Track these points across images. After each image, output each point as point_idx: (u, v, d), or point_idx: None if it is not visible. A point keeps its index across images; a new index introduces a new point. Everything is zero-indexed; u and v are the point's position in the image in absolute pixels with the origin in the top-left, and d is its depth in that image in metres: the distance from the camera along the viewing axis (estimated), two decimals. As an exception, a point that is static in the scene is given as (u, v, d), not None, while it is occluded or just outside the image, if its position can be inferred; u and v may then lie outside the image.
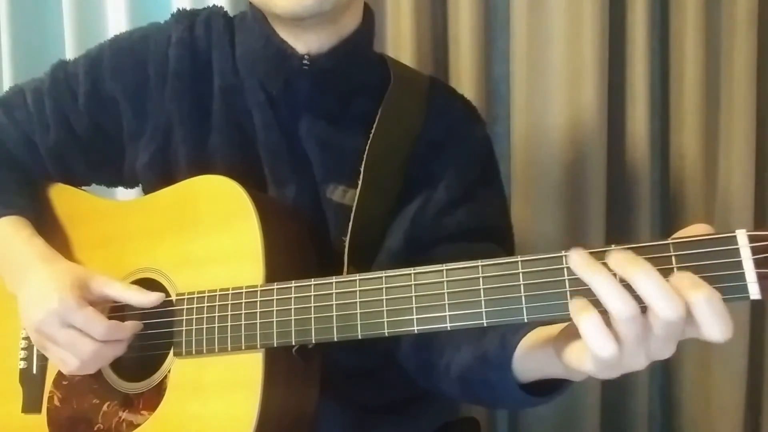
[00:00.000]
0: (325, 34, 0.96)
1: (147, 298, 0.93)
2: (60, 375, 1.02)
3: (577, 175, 1.50)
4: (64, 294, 0.90)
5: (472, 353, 0.86)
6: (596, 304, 0.62)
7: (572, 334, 0.67)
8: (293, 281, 0.84)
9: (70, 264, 0.99)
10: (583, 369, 0.67)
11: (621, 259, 0.62)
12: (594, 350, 0.62)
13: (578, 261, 0.64)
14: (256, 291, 0.87)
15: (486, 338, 0.84)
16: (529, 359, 0.77)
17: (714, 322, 0.59)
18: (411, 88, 1.06)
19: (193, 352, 0.91)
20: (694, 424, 1.59)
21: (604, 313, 0.62)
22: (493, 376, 0.82)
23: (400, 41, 1.51)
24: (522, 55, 1.52)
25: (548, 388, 0.78)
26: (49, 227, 1.07)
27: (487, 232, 1.01)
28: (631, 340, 0.62)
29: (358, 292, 0.80)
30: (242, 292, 0.88)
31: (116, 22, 1.55)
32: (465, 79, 1.51)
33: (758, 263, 0.61)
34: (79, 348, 0.91)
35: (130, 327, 0.93)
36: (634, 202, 1.54)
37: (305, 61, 0.96)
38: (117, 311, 0.98)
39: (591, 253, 0.65)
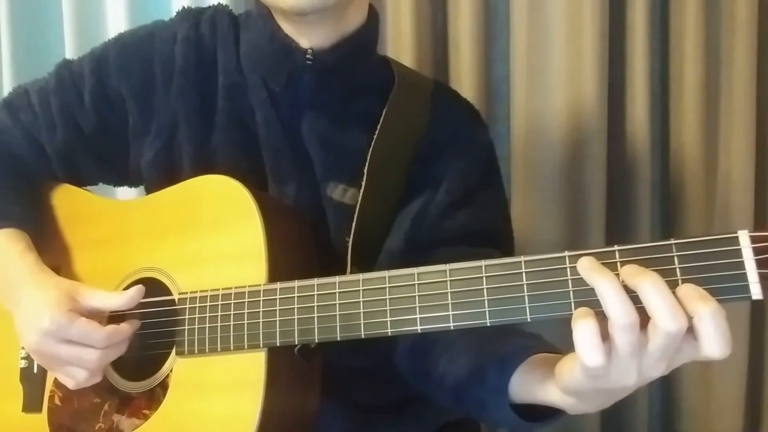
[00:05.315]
0: (328, 30, 0.96)
1: (122, 299, 0.92)
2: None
3: (577, 175, 1.51)
4: (53, 311, 0.89)
5: (468, 369, 0.86)
6: (601, 316, 0.63)
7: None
8: (296, 281, 0.85)
9: (59, 279, 0.97)
10: (573, 377, 0.67)
11: (630, 268, 0.64)
12: (581, 356, 0.63)
13: (585, 264, 0.65)
14: (259, 290, 0.87)
15: (484, 353, 0.84)
16: (526, 384, 0.77)
17: (716, 338, 0.60)
18: (415, 90, 1.07)
19: (196, 352, 0.90)
20: (694, 424, 1.59)
21: (604, 321, 0.63)
22: (487, 397, 0.82)
23: (400, 41, 1.51)
24: (522, 55, 1.53)
25: (542, 413, 0.78)
26: (50, 229, 1.07)
27: (488, 236, 1.02)
28: (625, 350, 0.62)
29: (361, 292, 0.80)
30: (245, 292, 0.88)
31: (116, 22, 1.55)
32: (465, 79, 1.52)
33: (760, 264, 0.61)
34: (84, 359, 0.90)
35: (129, 328, 0.92)
36: (634, 202, 1.55)
37: (308, 56, 0.96)
38: (117, 310, 0.97)
39: (595, 254, 0.66)
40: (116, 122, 1.06)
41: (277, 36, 0.97)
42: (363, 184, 0.98)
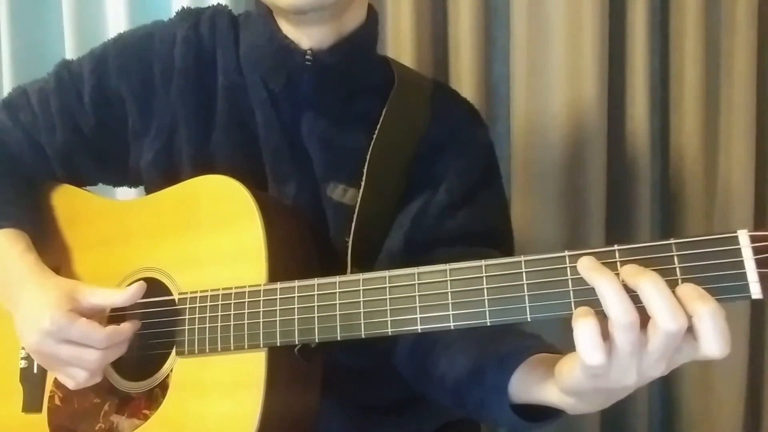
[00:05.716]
0: (327, 30, 0.96)
1: (123, 296, 0.92)
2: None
3: (577, 175, 1.51)
4: (54, 312, 0.89)
5: (468, 369, 0.86)
6: (601, 315, 0.63)
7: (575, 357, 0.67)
8: (296, 281, 0.85)
9: (58, 279, 0.98)
10: (573, 377, 0.67)
11: (630, 268, 0.64)
12: (582, 355, 0.63)
13: (585, 264, 0.66)
14: (259, 290, 0.87)
15: (484, 353, 0.85)
16: (526, 384, 0.78)
17: (715, 337, 0.61)
18: (415, 90, 1.07)
19: (196, 352, 0.90)
20: (694, 424, 1.60)
21: (604, 320, 0.63)
22: (487, 397, 0.82)
23: (400, 41, 1.51)
24: (522, 55, 1.53)
25: (542, 413, 0.79)
26: (50, 229, 1.07)
27: (487, 236, 1.02)
28: (626, 350, 0.63)
29: (361, 292, 0.80)
30: (245, 291, 0.88)
31: (116, 22, 1.55)
32: (465, 79, 1.52)
33: (759, 263, 0.61)
34: (84, 360, 0.90)
35: (129, 328, 0.93)
36: (634, 202, 1.55)
37: (308, 57, 0.96)
38: (118, 311, 0.97)
39: (595, 253, 0.66)
40: (116, 123, 1.06)
41: (276, 36, 0.97)
42: (363, 184, 0.98)
